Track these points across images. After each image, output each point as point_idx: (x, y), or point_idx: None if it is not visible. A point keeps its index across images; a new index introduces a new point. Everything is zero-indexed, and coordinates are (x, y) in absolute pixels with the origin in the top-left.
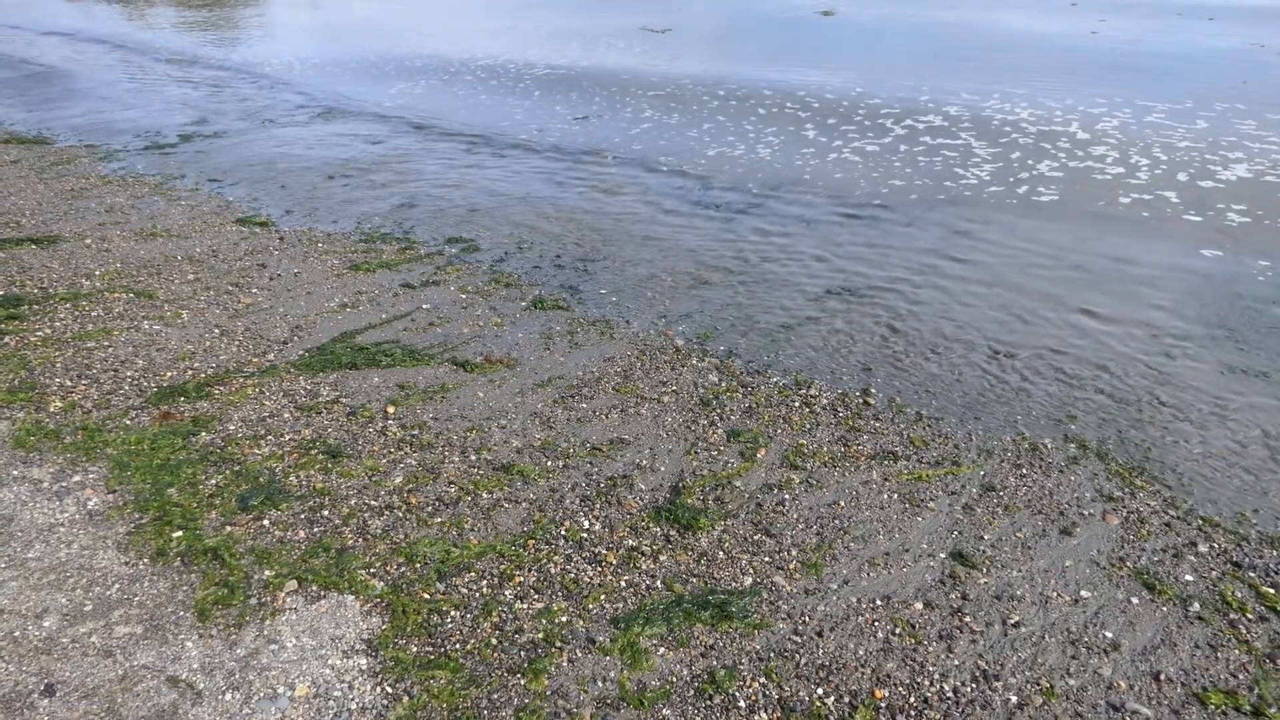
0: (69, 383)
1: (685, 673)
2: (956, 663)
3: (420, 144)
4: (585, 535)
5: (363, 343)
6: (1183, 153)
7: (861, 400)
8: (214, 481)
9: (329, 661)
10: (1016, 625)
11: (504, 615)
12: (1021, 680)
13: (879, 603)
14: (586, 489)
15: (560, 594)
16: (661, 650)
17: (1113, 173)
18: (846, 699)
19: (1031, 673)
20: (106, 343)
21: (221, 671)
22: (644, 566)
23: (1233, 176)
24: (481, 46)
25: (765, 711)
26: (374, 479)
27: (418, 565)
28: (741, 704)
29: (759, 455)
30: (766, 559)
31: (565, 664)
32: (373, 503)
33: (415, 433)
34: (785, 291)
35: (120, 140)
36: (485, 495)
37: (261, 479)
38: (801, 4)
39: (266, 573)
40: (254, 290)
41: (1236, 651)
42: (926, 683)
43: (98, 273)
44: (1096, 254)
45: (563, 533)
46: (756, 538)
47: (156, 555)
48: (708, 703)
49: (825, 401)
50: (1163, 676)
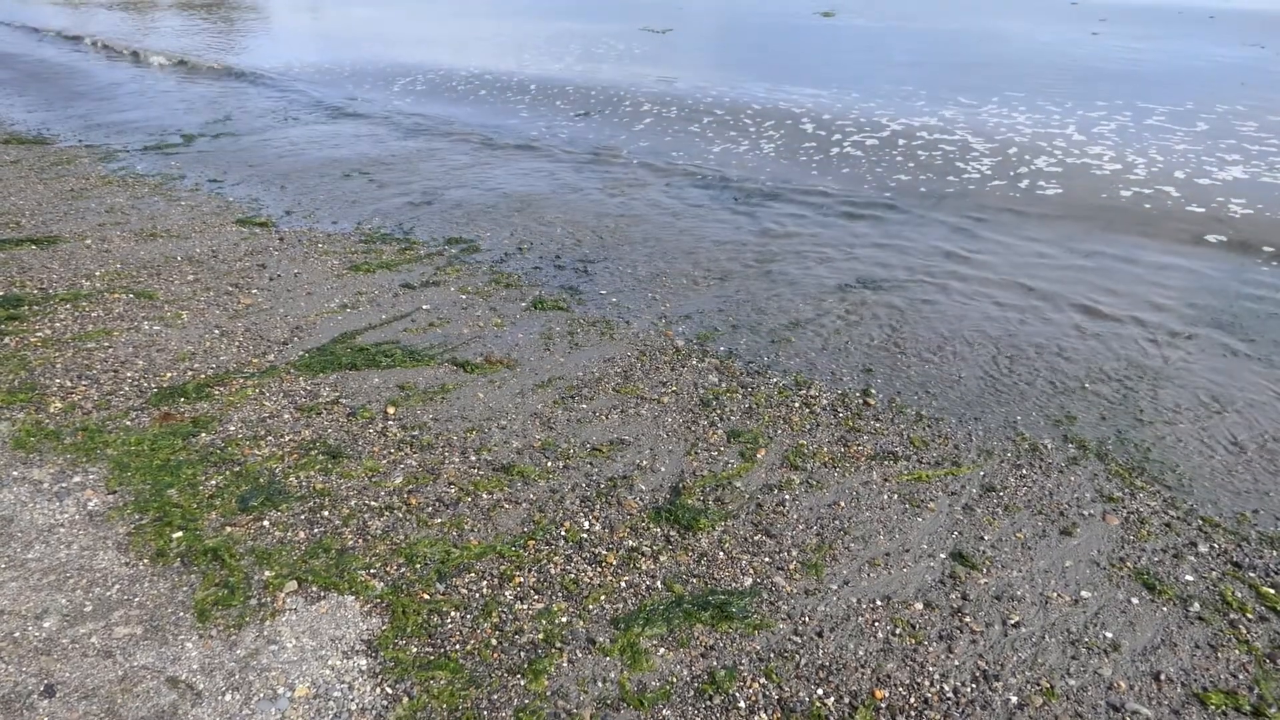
0: (69, 383)
1: (685, 673)
2: (957, 663)
3: (421, 145)
4: (585, 536)
5: (363, 343)
6: (1180, 154)
7: (861, 400)
8: (214, 482)
9: (329, 662)
10: (1017, 625)
11: (504, 616)
12: (1022, 680)
13: (879, 603)
14: (586, 489)
15: (560, 595)
16: (661, 651)
17: (1110, 169)
18: (847, 699)
19: (1032, 673)
20: (106, 343)
21: (221, 672)
22: (644, 567)
23: (1229, 176)
24: (481, 48)
25: (765, 712)
26: (374, 480)
27: (418, 566)
28: (741, 704)
29: (759, 456)
30: (766, 559)
31: (565, 664)
32: (373, 503)
33: (415, 433)
34: (785, 292)
35: (120, 141)
36: (485, 496)
37: (261, 480)
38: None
39: (266, 573)
40: (254, 291)
41: (1237, 651)
42: (926, 683)
43: (98, 273)
44: (1096, 252)
45: (563, 533)
46: (757, 538)
47: (156, 556)
48: (708, 703)
49: (825, 402)
50: (1163, 677)
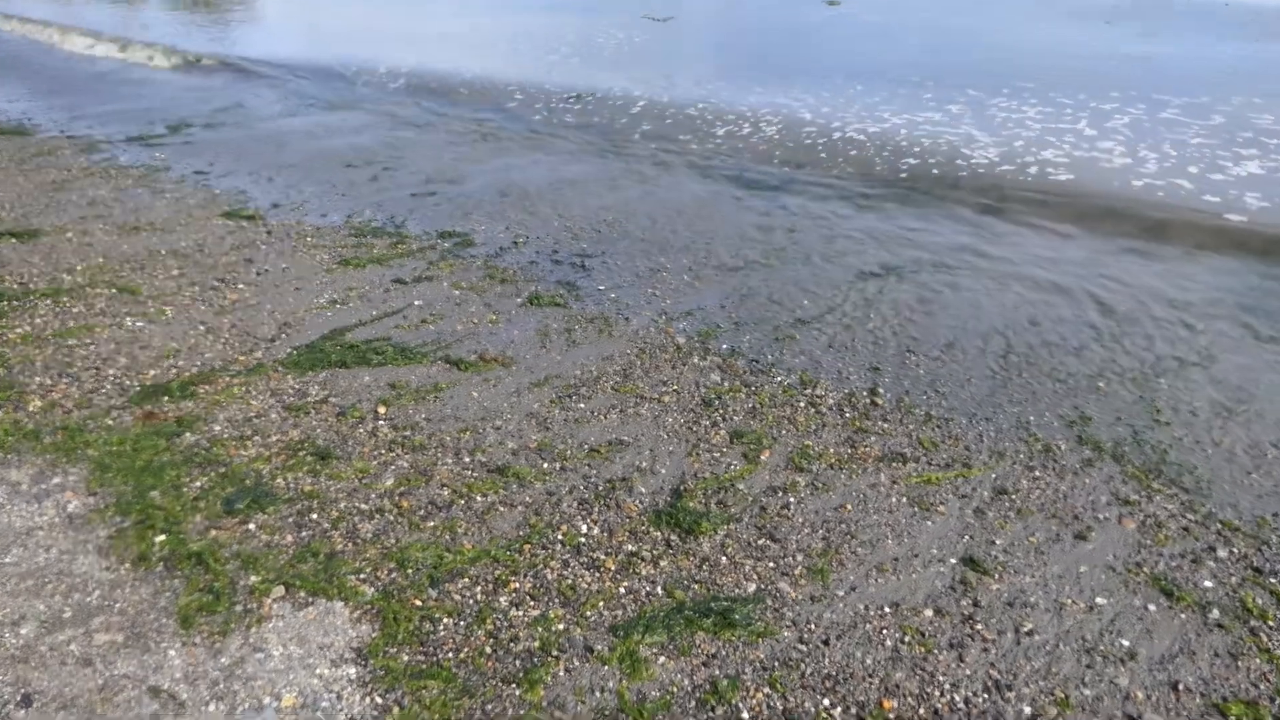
0: (49, 381)
1: (686, 682)
2: (968, 672)
3: (413, 136)
4: (583, 540)
5: (353, 340)
6: (1195, 148)
7: (869, 400)
8: (198, 484)
9: (317, 671)
10: (1030, 633)
11: (499, 623)
12: (1035, 690)
13: (887, 610)
14: (584, 492)
15: (557, 601)
16: (662, 659)
17: (1121, 163)
18: (854, 710)
19: (1045, 682)
20: (88, 340)
21: (205, 681)
22: (644, 572)
23: (1244, 172)
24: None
25: None
26: (364, 481)
27: (409, 571)
28: (745, 715)
29: (763, 457)
30: (771, 564)
31: (562, 673)
32: (363, 506)
33: (407, 434)
34: (789, 288)
35: (104, 131)
36: (479, 498)
37: (248, 481)
38: None
39: (252, 578)
40: (240, 286)
41: (1258, 660)
42: (937, 693)
43: (79, 267)
44: (1110, 248)
45: (560, 537)
46: (760, 542)
47: (138, 560)
48: (710, 714)
49: (831, 401)
50: (1181, 686)
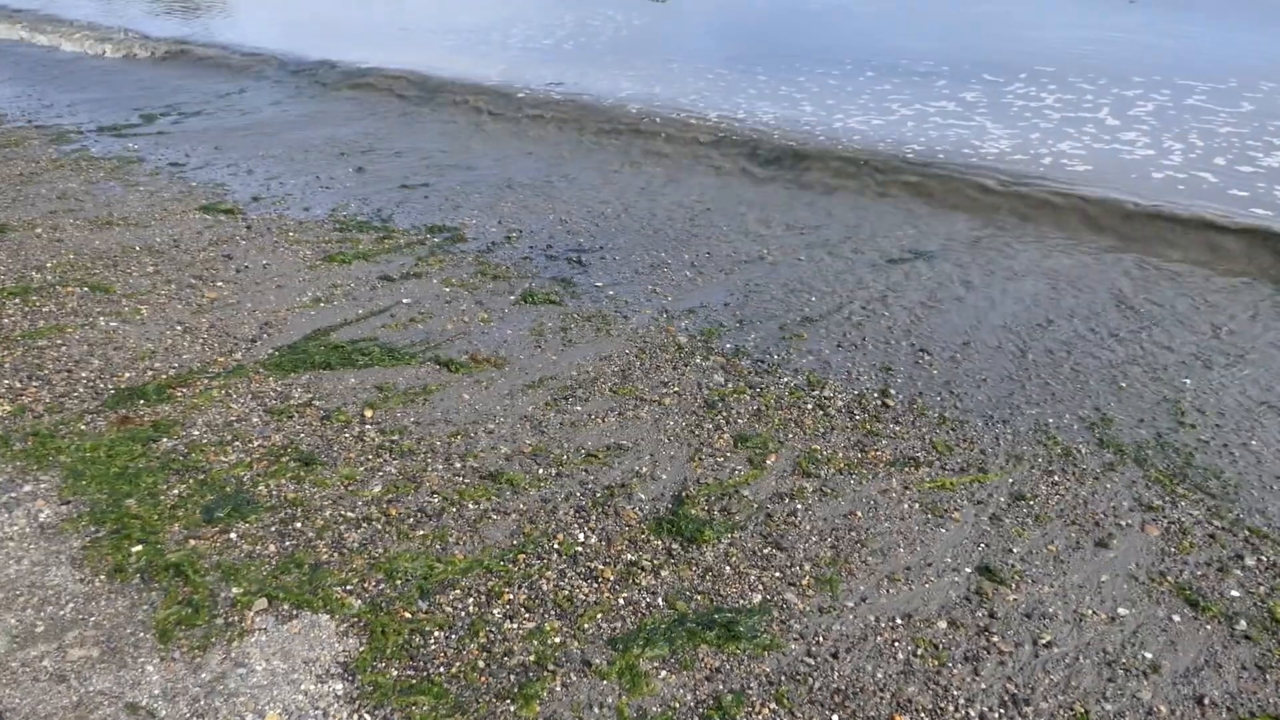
0: (18, 384)
1: (689, 698)
2: (983, 686)
3: (399, 125)
4: (580, 549)
5: (338, 340)
6: (1223, 137)
7: (880, 401)
8: (176, 491)
9: (302, 686)
10: (1048, 645)
11: (492, 636)
12: (1054, 705)
13: (899, 621)
14: (581, 499)
15: (553, 613)
16: (663, 673)
17: (1143, 155)
18: None
19: (1065, 697)
20: (59, 341)
21: (185, 698)
22: (644, 583)
23: (1274, 163)
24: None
25: None
26: (350, 488)
27: (398, 582)
28: None
29: (769, 462)
30: (777, 574)
31: (559, 688)
32: (349, 514)
33: (395, 438)
34: (796, 284)
35: (73, 121)
36: (471, 506)
37: (228, 488)
38: None
39: (234, 590)
40: (219, 283)
41: None
42: (951, 708)
43: (49, 265)
44: (1130, 240)
45: (556, 546)
46: (766, 551)
47: (114, 571)
48: None
49: (841, 403)
50: (1207, 701)
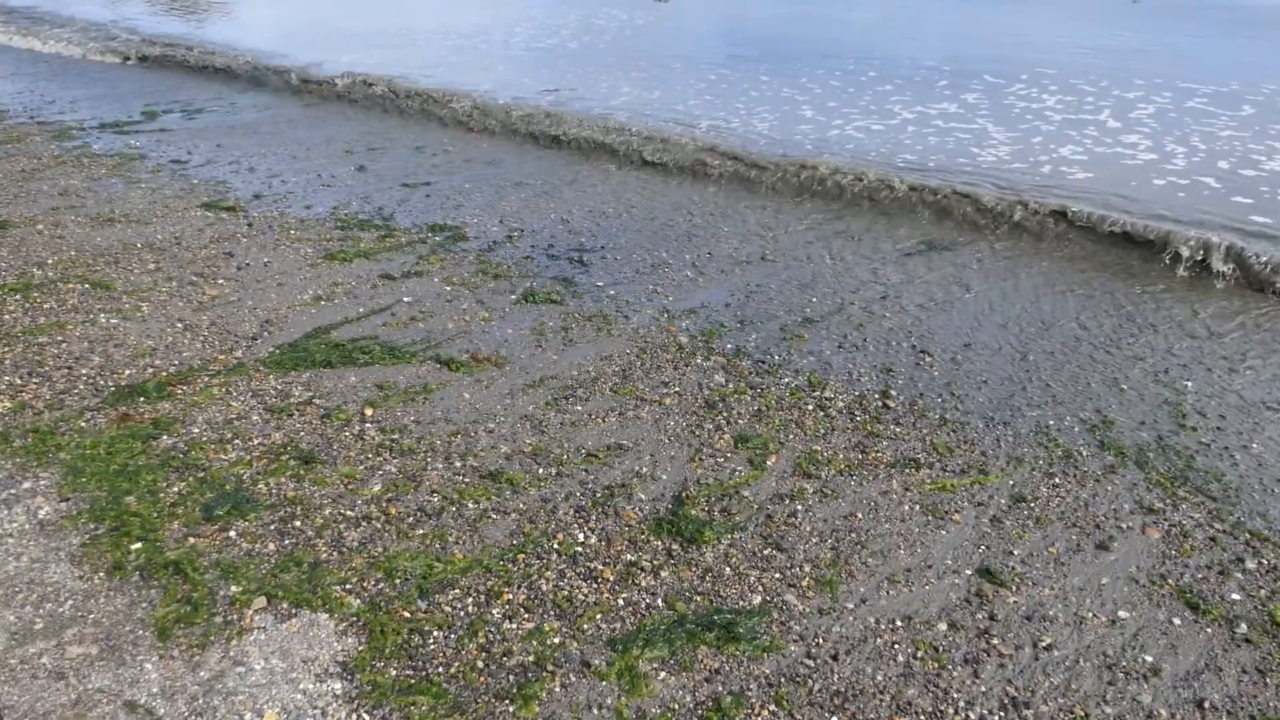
0: (19, 381)
1: (688, 699)
2: (983, 689)
3: (400, 124)
4: (580, 549)
5: (338, 339)
6: (1225, 141)
7: (881, 402)
8: (176, 489)
9: (300, 685)
10: (1049, 648)
11: (491, 636)
12: (1054, 708)
13: (899, 623)
14: (581, 499)
15: (552, 613)
16: (662, 674)
17: (1145, 159)
18: None
19: (1065, 700)
20: (60, 337)
21: (183, 696)
22: (644, 583)
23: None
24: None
25: None
26: (350, 487)
27: (397, 581)
28: None
29: (769, 463)
30: (777, 575)
31: (558, 689)
32: (349, 513)
33: (395, 437)
34: (797, 285)
35: (75, 117)
36: (471, 505)
37: (228, 487)
38: None
39: (233, 588)
40: (220, 281)
41: None
42: (951, 710)
43: (50, 261)
44: (1129, 245)
45: (555, 546)
46: (766, 552)
47: (113, 569)
48: None
49: (841, 404)
50: (1207, 704)
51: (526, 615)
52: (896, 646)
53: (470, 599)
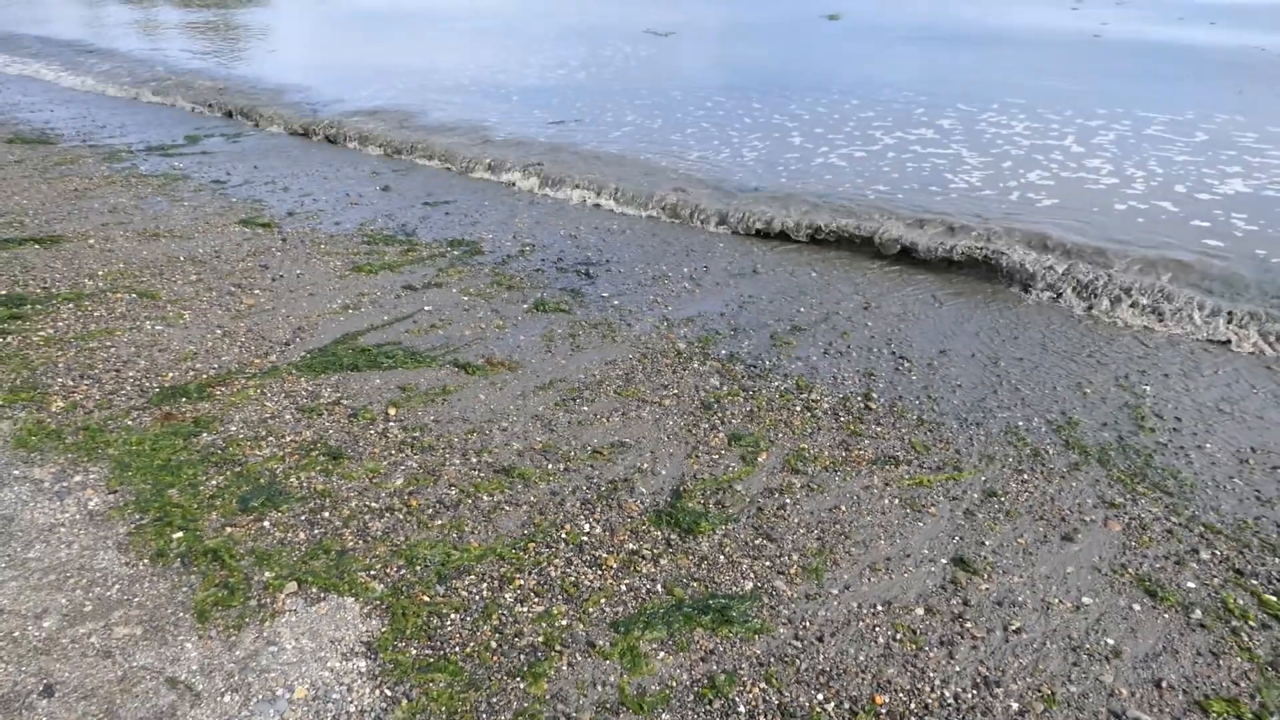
0: (71, 383)
1: (685, 677)
2: (958, 669)
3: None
4: (585, 538)
5: (365, 344)
6: (1180, 165)
7: (863, 404)
8: (215, 482)
9: (328, 664)
10: (1018, 631)
11: (504, 618)
12: (1023, 687)
13: (880, 608)
14: (587, 492)
15: (560, 597)
16: (661, 654)
17: (1108, 183)
18: (847, 705)
19: (1033, 679)
20: (109, 343)
21: (220, 673)
22: (644, 570)
23: (1231, 190)
24: (487, 54)
25: (765, 717)
26: (375, 481)
27: (418, 568)
28: (741, 709)
29: (760, 459)
30: (767, 563)
31: (565, 668)
32: (373, 505)
33: (416, 435)
34: (786, 296)
35: (124, 141)
36: (486, 498)
37: (262, 480)
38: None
39: (266, 574)
40: (256, 291)
41: (1239, 659)
42: (927, 689)
43: (100, 273)
44: (1094, 260)
45: (563, 536)
46: (757, 542)
47: (156, 556)
48: (707, 708)
49: (827, 405)
50: (1165, 684)
51: (536, 599)
52: (877, 629)
53: (485, 584)
